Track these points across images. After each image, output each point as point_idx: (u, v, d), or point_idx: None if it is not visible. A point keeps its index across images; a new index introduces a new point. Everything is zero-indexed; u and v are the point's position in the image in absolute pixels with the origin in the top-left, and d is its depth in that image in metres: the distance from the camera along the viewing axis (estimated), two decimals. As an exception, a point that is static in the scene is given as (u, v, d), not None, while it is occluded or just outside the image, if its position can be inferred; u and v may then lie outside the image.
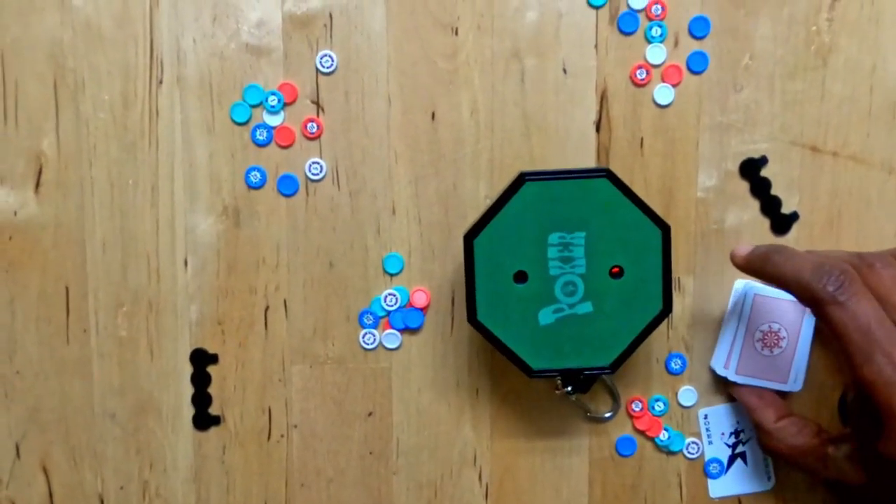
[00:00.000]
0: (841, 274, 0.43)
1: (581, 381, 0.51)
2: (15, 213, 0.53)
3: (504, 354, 0.49)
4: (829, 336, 0.51)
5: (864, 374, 0.42)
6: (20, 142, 0.52)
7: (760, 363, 0.52)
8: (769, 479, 0.55)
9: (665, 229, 0.48)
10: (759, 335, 0.52)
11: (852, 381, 0.45)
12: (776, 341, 0.52)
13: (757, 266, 0.47)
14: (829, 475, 0.48)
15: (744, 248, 0.48)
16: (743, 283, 0.53)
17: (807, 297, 0.44)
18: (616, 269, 0.48)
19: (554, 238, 0.48)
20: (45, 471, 0.55)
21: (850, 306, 0.42)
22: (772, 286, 0.50)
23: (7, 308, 0.54)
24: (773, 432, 0.50)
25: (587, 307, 0.49)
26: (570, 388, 0.51)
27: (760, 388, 0.52)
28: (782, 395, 0.52)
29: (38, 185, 0.53)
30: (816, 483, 0.55)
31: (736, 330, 0.52)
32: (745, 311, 0.52)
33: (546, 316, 0.49)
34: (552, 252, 0.48)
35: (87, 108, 0.52)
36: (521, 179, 0.47)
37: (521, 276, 0.48)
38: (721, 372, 0.53)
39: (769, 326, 0.52)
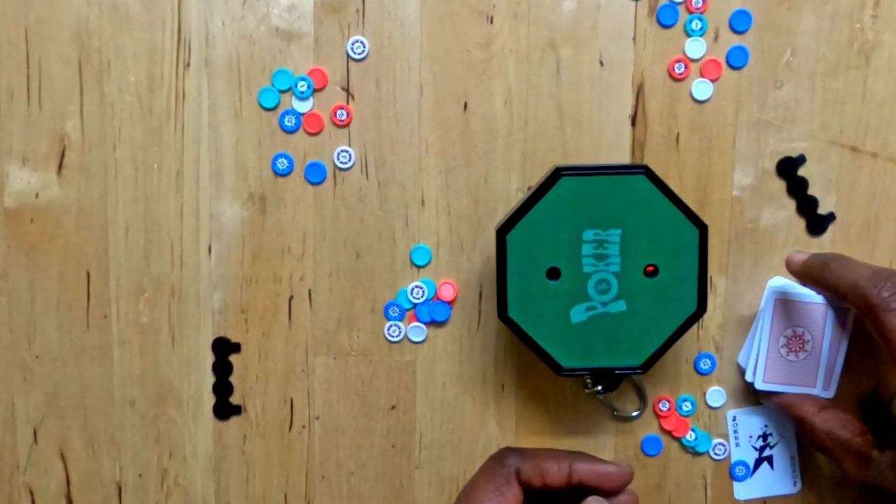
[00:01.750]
0: None
1: (611, 380, 0.50)
2: (37, 196, 0.52)
3: (534, 351, 0.48)
4: (873, 342, 0.50)
5: None
6: (43, 123, 0.51)
7: (787, 369, 0.51)
8: (795, 483, 0.54)
9: (702, 228, 0.47)
10: (783, 341, 0.51)
11: None
12: (801, 345, 0.51)
13: (815, 273, 0.48)
14: (870, 478, 0.47)
15: (800, 255, 0.49)
16: (776, 283, 0.52)
17: (862, 302, 0.44)
18: (651, 268, 0.47)
19: (589, 235, 0.47)
20: (62, 457, 0.54)
21: None
22: (826, 293, 0.49)
23: (27, 292, 0.53)
24: (816, 424, 0.49)
25: (620, 306, 0.48)
26: (599, 388, 0.50)
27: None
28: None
29: (60, 167, 0.52)
30: (844, 489, 0.54)
31: (760, 336, 0.51)
32: (766, 317, 0.51)
33: (578, 313, 0.48)
34: (586, 249, 0.47)
35: (113, 89, 0.51)
36: (557, 174, 0.46)
37: (553, 273, 0.47)
38: (749, 378, 0.52)
39: (793, 331, 0.51)
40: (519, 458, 0.47)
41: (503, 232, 0.47)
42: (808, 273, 0.48)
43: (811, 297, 0.50)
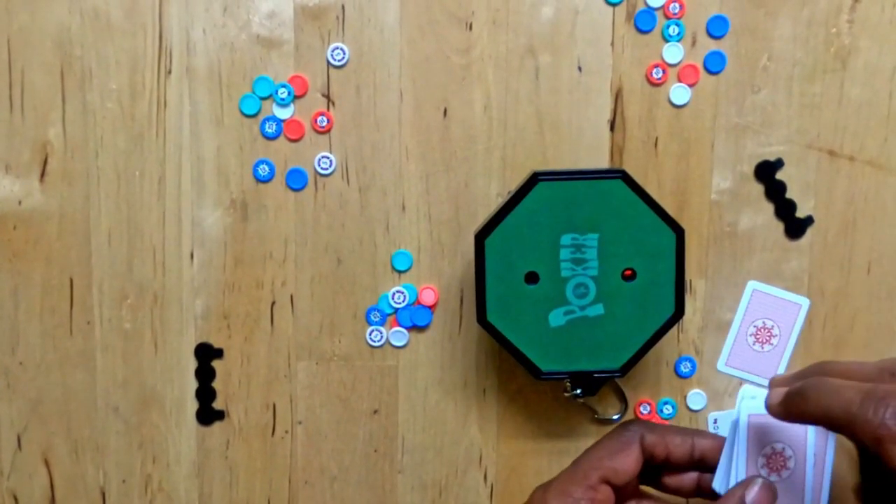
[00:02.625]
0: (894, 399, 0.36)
1: (590, 383, 0.50)
2: (19, 203, 0.52)
3: (513, 355, 0.48)
4: (882, 472, 0.41)
5: None
6: (26, 130, 0.52)
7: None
8: (777, 485, 0.54)
9: (679, 233, 0.47)
10: (762, 461, 0.46)
11: None
12: (783, 464, 0.46)
13: (798, 409, 0.40)
14: None
15: (777, 394, 0.41)
16: (749, 402, 0.46)
17: (863, 435, 0.36)
18: (629, 272, 0.48)
19: (566, 239, 0.47)
20: (46, 463, 0.54)
21: None
22: (817, 426, 0.43)
23: (10, 299, 0.53)
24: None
25: (598, 309, 0.48)
26: (578, 391, 0.50)
27: None
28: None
29: (43, 174, 0.52)
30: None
31: (736, 461, 0.46)
32: (741, 439, 0.45)
33: (556, 317, 0.48)
34: (564, 253, 0.47)
35: (95, 97, 0.52)
36: (534, 179, 0.47)
37: (532, 277, 0.48)
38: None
39: (772, 448, 0.45)
40: (645, 428, 0.47)
41: (481, 237, 0.47)
42: (790, 411, 0.40)
43: None
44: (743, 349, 0.53)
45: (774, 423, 0.42)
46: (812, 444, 0.43)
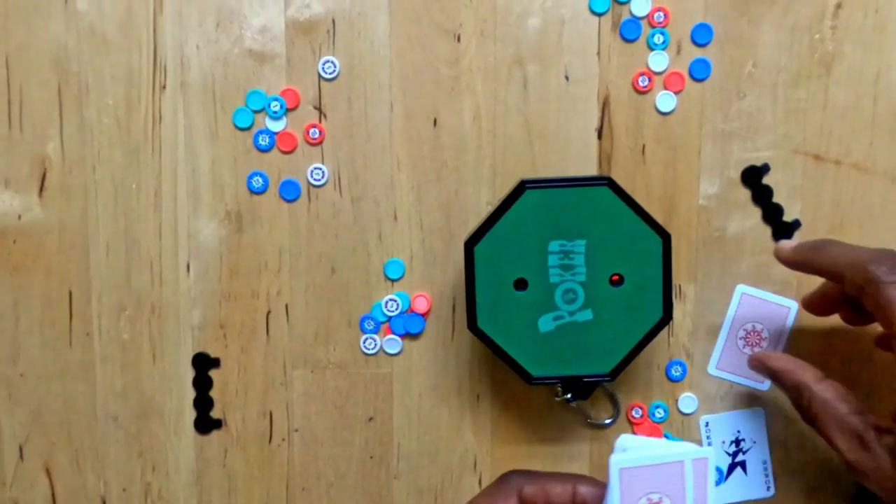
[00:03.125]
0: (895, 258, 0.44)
1: (581, 388, 0.51)
2: (19, 217, 0.53)
3: (504, 361, 0.49)
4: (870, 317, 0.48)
5: None
6: (25, 146, 0.53)
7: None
8: (769, 488, 0.55)
9: (665, 238, 0.48)
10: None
11: None
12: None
13: (807, 256, 0.48)
14: (862, 466, 0.45)
15: (789, 243, 0.49)
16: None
17: (861, 277, 0.44)
18: (616, 277, 0.48)
19: (554, 246, 0.48)
20: (48, 473, 0.55)
21: None
22: (821, 274, 0.48)
23: (11, 311, 0.54)
24: (816, 394, 0.46)
25: (587, 315, 0.49)
26: (569, 396, 0.51)
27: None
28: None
29: (42, 189, 0.53)
30: (817, 493, 0.55)
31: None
32: (612, 489, 0.43)
33: (546, 323, 0.49)
34: (552, 259, 0.48)
35: (92, 112, 0.53)
36: (522, 187, 0.47)
37: (521, 284, 0.48)
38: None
39: (647, 500, 0.44)
40: (523, 478, 0.45)
41: (471, 245, 0.48)
42: (800, 258, 0.48)
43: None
44: (733, 352, 0.53)
45: (649, 474, 0.42)
46: (691, 494, 0.43)
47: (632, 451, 0.42)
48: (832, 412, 0.46)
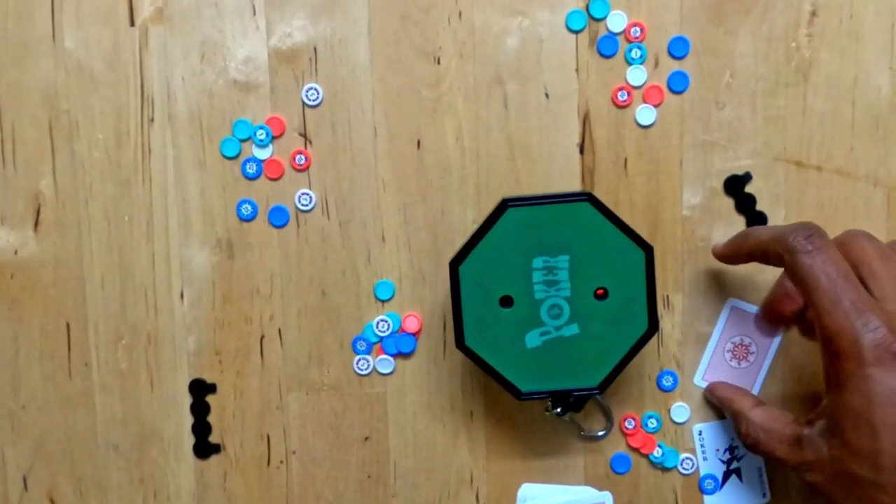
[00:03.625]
0: (813, 228, 0.45)
1: (571, 401, 0.51)
2: (15, 252, 0.54)
3: (493, 378, 0.50)
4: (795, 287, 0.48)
5: (830, 321, 0.43)
6: (19, 183, 0.54)
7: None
8: (764, 495, 0.55)
9: (648, 250, 0.48)
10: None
11: (818, 333, 0.45)
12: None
13: (737, 243, 0.50)
14: (805, 462, 0.46)
15: (719, 243, 0.51)
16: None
17: (781, 247, 0.45)
18: (601, 291, 0.49)
19: (538, 262, 0.48)
20: (52, 502, 0.56)
21: (818, 255, 0.44)
22: (753, 260, 0.50)
23: (11, 344, 0.55)
24: (751, 419, 0.49)
25: (573, 329, 0.49)
26: (559, 410, 0.51)
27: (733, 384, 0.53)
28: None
29: (37, 224, 0.54)
30: (814, 498, 0.55)
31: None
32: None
33: (533, 339, 0.49)
34: (537, 276, 0.49)
35: (82, 148, 0.54)
36: (504, 205, 0.48)
37: (506, 301, 0.49)
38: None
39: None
40: None
41: (455, 264, 0.49)
42: (730, 248, 0.50)
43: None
44: (719, 365, 0.54)
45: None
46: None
47: (531, 500, 0.45)
48: (768, 432, 0.48)
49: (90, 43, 0.53)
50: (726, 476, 0.55)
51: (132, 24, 0.53)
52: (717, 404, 0.54)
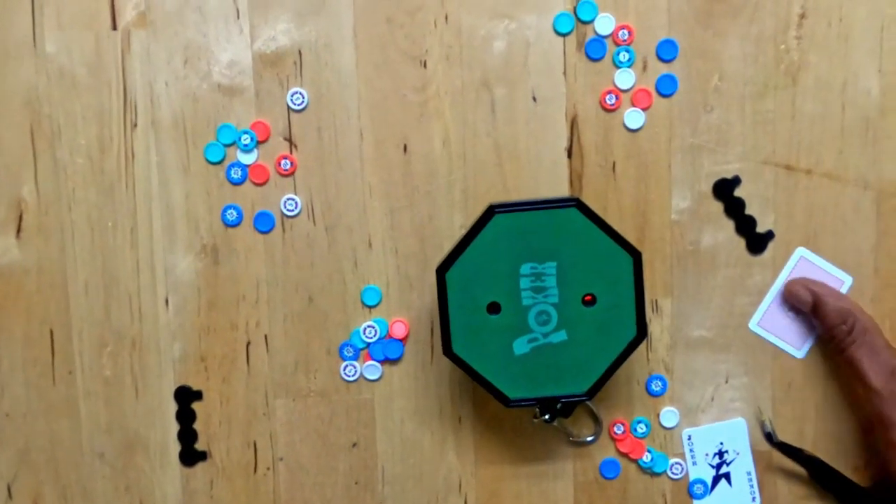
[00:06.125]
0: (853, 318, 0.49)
1: (559, 408, 0.51)
2: (-2, 259, 0.54)
3: (481, 385, 0.49)
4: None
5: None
6: (0, 189, 0.53)
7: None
8: (754, 499, 0.55)
9: (636, 256, 0.48)
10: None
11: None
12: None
13: (806, 303, 0.53)
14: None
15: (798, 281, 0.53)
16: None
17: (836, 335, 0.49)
18: (589, 297, 0.48)
19: (525, 269, 0.48)
20: (37, 510, 0.56)
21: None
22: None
23: (-7, 352, 0.55)
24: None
25: (561, 335, 0.49)
26: (547, 417, 0.51)
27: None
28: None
29: (19, 230, 0.54)
30: (803, 501, 0.55)
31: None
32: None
33: (521, 346, 0.49)
34: (524, 282, 0.48)
35: (65, 153, 0.53)
36: (491, 212, 0.47)
37: (494, 308, 0.48)
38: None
39: None
40: None
41: (442, 270, 0.48)
42: (802, 300, 0.52)
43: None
44: (777, 313, 0.54)
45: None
46: None
47: None
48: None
49: (72, 47, 0.52)
50: (716, 481, 0.55)
51: (114, 27, 0.52)
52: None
